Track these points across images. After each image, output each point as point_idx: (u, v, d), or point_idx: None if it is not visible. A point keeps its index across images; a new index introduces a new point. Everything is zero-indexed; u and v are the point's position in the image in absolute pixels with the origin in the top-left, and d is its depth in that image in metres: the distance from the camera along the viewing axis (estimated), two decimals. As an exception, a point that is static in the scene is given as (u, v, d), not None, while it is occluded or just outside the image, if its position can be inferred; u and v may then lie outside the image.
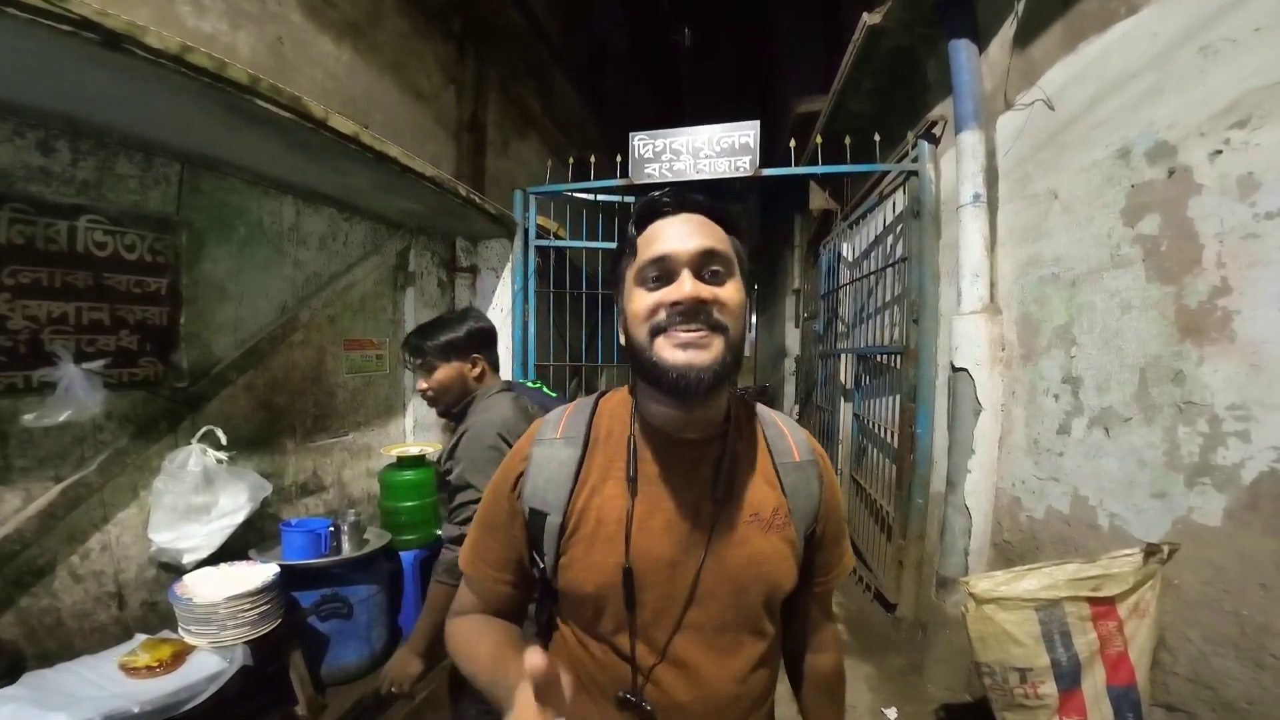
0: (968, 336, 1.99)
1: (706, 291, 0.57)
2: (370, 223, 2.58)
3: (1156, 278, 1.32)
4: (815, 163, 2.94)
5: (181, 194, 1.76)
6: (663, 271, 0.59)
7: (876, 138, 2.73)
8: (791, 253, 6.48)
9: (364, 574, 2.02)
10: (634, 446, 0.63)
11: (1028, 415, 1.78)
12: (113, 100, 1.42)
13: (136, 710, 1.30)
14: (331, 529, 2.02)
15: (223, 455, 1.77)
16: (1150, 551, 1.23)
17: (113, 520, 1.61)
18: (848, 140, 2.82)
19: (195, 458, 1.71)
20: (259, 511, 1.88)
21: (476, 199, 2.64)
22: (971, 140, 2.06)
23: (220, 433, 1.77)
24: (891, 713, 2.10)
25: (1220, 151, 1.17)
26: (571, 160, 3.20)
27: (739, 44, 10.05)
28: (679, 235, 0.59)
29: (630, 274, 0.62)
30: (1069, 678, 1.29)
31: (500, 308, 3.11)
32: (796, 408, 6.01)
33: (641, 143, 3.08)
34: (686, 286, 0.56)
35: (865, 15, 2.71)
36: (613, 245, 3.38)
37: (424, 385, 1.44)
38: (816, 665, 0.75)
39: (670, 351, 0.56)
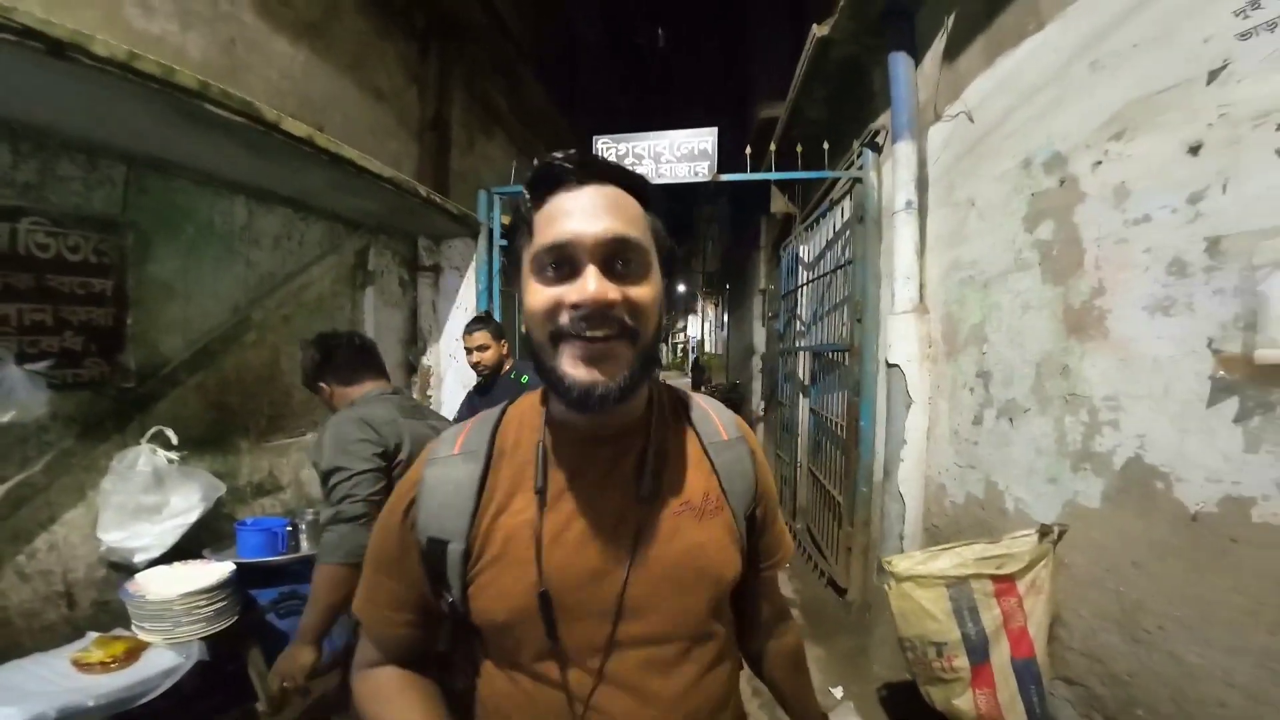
0: (900, 334, 2.13)
1: (615, 292, 0.49)
2: (328, 222, 2.58)
3: (1049, 280, 1.45)
4: (779, 167, 3.05)
5: (127, 195, 1.75)
6: (563, 260, 0.50)
7: (826, 146, 2.85)
8: (759, 253, 6.64)
9: (322, 571, 2.04)
10: (542, 453, 0.57)
11: (950, 407, 1.92)
12: (57, 104, 1.41)
13: (91, 704, 1.31)
14: (289, 528, 2.04)
15: (174, 455, 1.77)
16: (1043, 532, 1.37)
17: (60, 520, 1.61)
18: (799, 148, 2.94)
19: (145, 458, 1.71)
20: (213, 512, 1.88)
21: (437, 199, 2.66)
22: (906, 150, 2.20)
23: (170, 433, 1.77)
24: (838, 691, 2.23)
25: (1100, 162, 1.29)
26: (536, 162, 3.23)
27: (716, 44, 10.16)
28: (584, 215, 0.50)
29: (526, 258, 0.53)
30: (979, 651, 1.41)
31: (465, 307, 3.13)
32: (763, 404, 6.18)
33: (605, 146, 3.14)
34: (590, 285, 0.48)
35: (815, 26, 2.83)
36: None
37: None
38: (777, 649, 0.72)
39: (572, 365, 0.50)
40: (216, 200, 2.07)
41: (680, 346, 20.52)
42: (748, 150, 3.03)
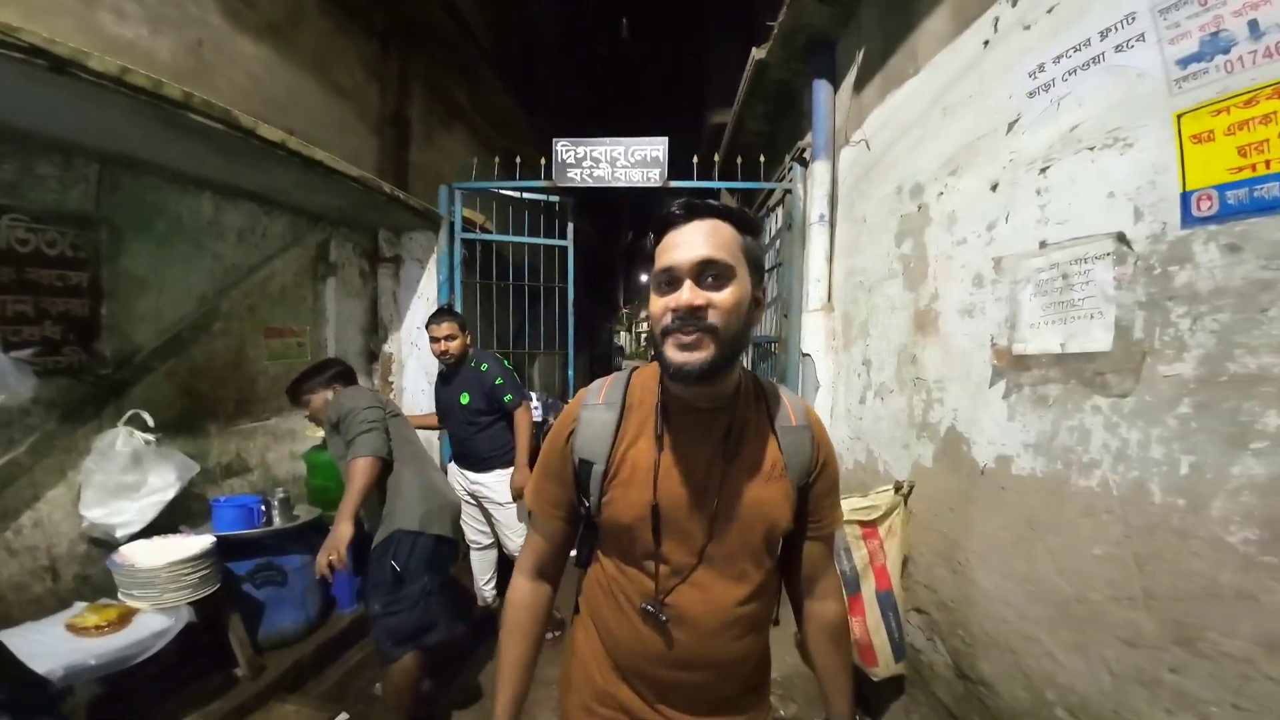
0: (811, 329, 2.50)
1: (701, 298, 0.66)
2: (290, 216, 2.68)
3: (908, 287, 1.81)
4: (726, 173, 3.32)
5: (100, 193, 1.85)
6: (671, 279, 0.68)
7: (762, 159, 3.18)
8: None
9: (296, 545, 2.21)
10: (660, 412, 0.76)
11: (845, 390, 2.31)
12: (43, 111, 1.52)
13: (93, 662, 1.48)
14: (263, 504, 2.20)
15: (150, 437, 1.90)
16: (897, 487, 1.74)
17: (43, 498, 1.72)
18: (739, 160, 3.25)
19: (123, 439, 1.84)
20: (185, 491, 2.02)
21: (400, 196, 2.81)
22: (821, 169, 2.55)
23: (147, 415, 1.90)
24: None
25: (942, 193, 1.64)
26: (498, 159, 3.38)
27: (675, 48, 10.34)
28: (685, 246, 0.68)
29: (651, 280, 0.72)
30: (852, 585, 1.76)
31: (425, 297, 3.28)
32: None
33: (564, 149, 3.31)
34: (684, 295, 0.66)
35: (754, 49, 3.13)
36: (541, 240, 3.65)
37: (305, 414, 1.99)
38: (820, 612, 0.84)
39: (672, 351, 0.67)
40: (184, 197, 2.16)
41: (643, 335, 20.88)
42: (694, 159, 3.31)
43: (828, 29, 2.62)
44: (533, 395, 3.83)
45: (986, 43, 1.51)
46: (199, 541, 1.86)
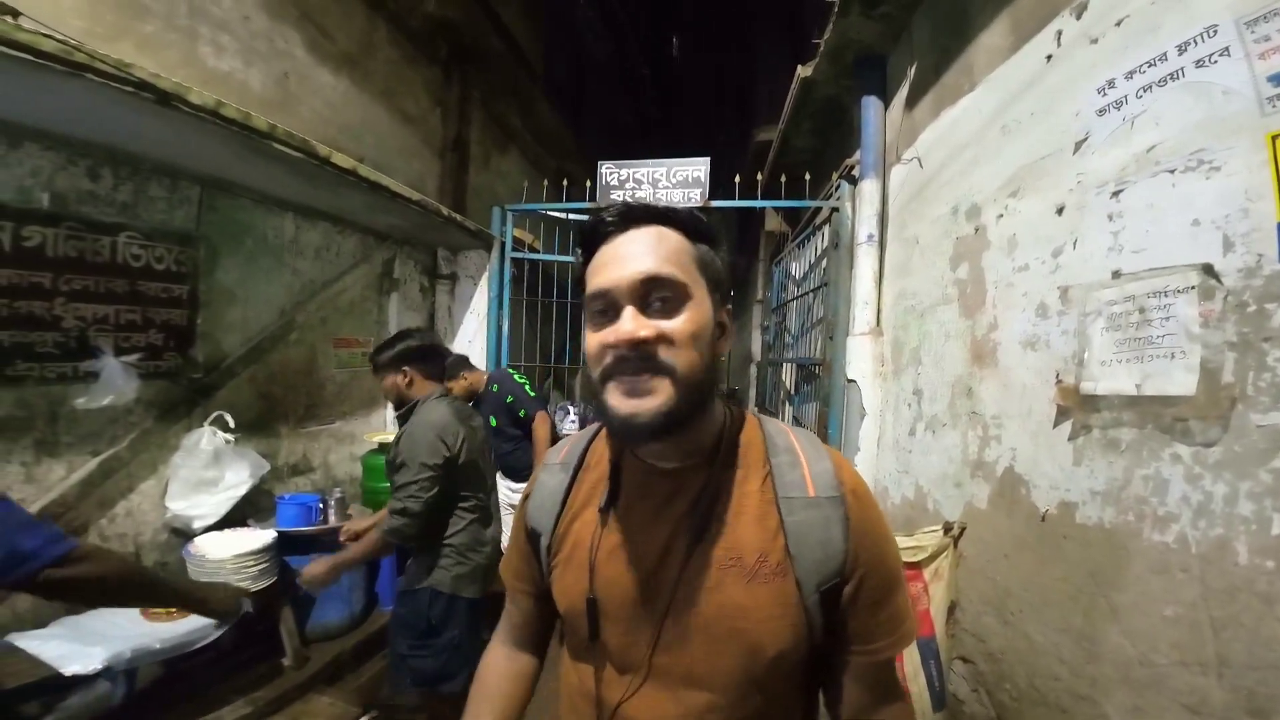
0: (858, 353, 2.41)
1: (648, 329, 0.50)
2: (360, 235, 2.90)
3: (963, 314, 1.70)
4: (771, 190, 3.31)
5: (200, 213, 2.08)
6: (607, 306, 0.53)
7: (807, 176, 3.13)
8: (758, 265, 6.92)
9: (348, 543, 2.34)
10: (616, 475, 0.60)
11: (894, 420, 2.20)
12: (151, 137, 1.72)
13: (158, 646, 1.62)
14: (320, 504, 2.35)
15: (230, 437, 2.09)
16: (946, 528, 1.63)
17: (136, 490, 1.93)
18: (783, 178, 3.22)
19: (207, 438, 2.03)
20: (255, 488, 2.20)
21: (457, 218, 2.98)
22: (870, 187, 2.48)
23: (229, 417, 2.08)
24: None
25: (1002, 215, 1.54)
26: (546, 181, 3.53)
27: (723, 65, 10.42)
28: (619, 262, 0.53)
29: (585, 308, 0.56)
30: None
31: (477, 313, 3.44)
32: (755, 409, 6.44)
33: (608, 171, 3.42)
34: (625, 325, 0.51)
35: (800, 67, 3.11)
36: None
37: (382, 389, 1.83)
38: None
39: (616, 399, 0.52)
40: (270, 217, 2.39)
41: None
42: (736, 178, 3.31)
43: (876, 45, 2.57)
44: (570, 408, 3.94)
45: (1049, 57, 1.43)
46: (262, 536, 2.02)
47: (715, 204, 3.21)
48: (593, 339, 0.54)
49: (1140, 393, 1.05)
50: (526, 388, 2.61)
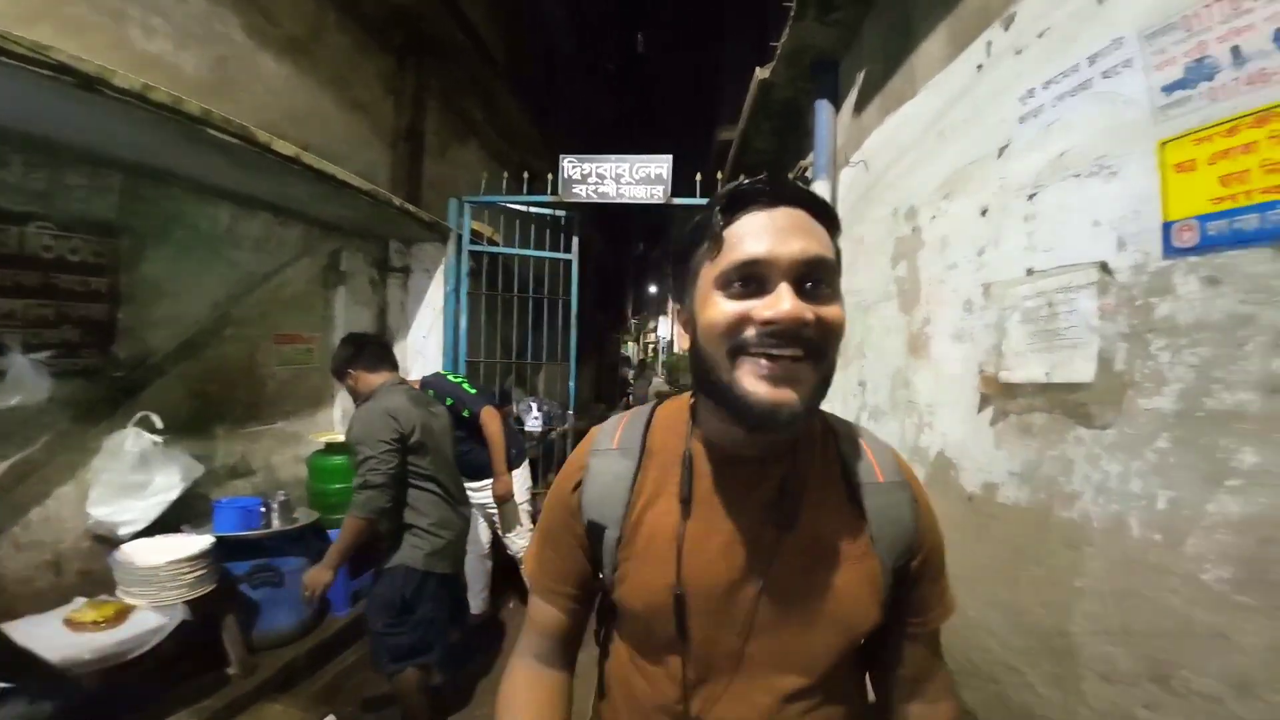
0: (809, 348, 2.49)
1: (809, 311, 0.47)
2: (305, 226, 2.78)
3: (902, 309, 1.79)
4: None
5: (123, 201, 1.94)
6: (753, 277, 0.49)
7: (764, 176, 3.20)
8: (721, 262, 7.02)
9: (295, 547, 2.26)
10: (689, 463, 0.58)
11: (842, 409, 2.28)
12: (72, 124, 1.61)
13: (88, 656, 1.53)
14: (263, 507, 2.25)
15: (158, 438, 1.97)
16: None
17: (53, 495, 1.79)
18: (743, 178, 3.27)
19: (132, 439, 1.91)
20: (190, 492, 2.09)
21: (410, 209, 2.89)
22: (822, 188, 2.55)
23: (155, 417, 1.96)
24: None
25: (935, 216, 1.63)
26: (507, 174, 3.46)
27: (691, 63, 10.51)
28: (779, 235, 0.49)
29: (708, 274, 0.52)
30: None
31: (433, 306, 3.35)
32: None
33: (570, 165, 3.39)
34: (786, 304, 0.47)
35: (758, 69, 3.17)
36: (546, 254, 3.71)
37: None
38: (931, 717, 0.63)
39: (754, 383, 0.48)
40: (203, 206, 2.26)
41: (651, 346, 20.90)
42: (698, 176, 3.35)
43: (830, 49, 2.64)
44: (533, 404, 3.90)
45: (980, 67, 1.51)
46: (198, 541, 1.91)
47: (678, 201, 3.24)
48: (729, 307, 0.49)
49: (1049, 380, 1.13)
50: (464, 386, 2.54)
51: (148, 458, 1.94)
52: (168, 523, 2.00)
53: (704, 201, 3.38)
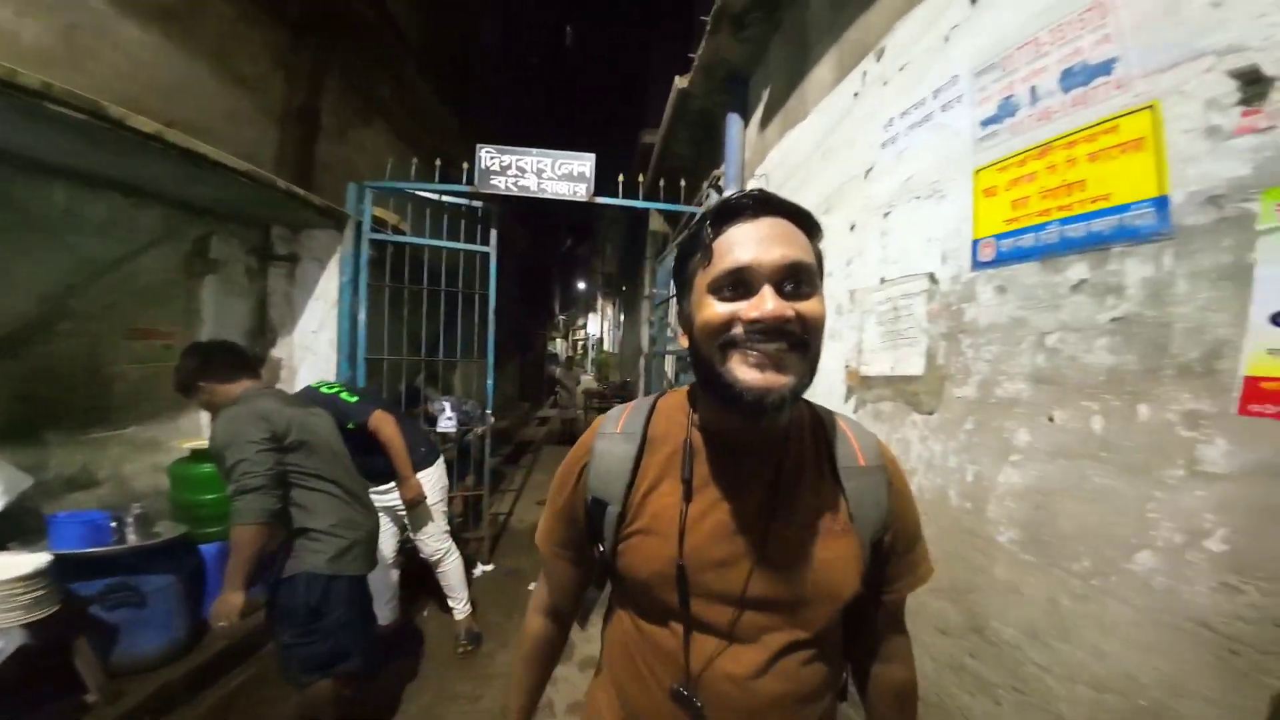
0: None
1: (789, 308, 0.53)
2: (164, 208, 2.45)
3: None
4: (653, 192, 3.40)
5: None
6: (739, 282, 0.55)
7: (683, 183, 3.31)
8: (646, 262, 7.15)
9: (159, 563, 2.00)
10: (689, 450, 0.64)
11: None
12: None
13: None
14: (115, 521, 1.98)
15: (-32, 447, 1.67)
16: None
17: None
18: (661, 182, 3.37)
19: (-69, 449, 1.60)
20: (15, 506, 1.79)
21: (299, 191, 2.65)
22: (729, 198, 2.70)
23: (-35, 423, 1.66)
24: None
25: None
26: (417, 160, 3.28)
27: (618, 63, 10.56)
28: (761, 243, 0.55)
29: (701, 280, 0.58)
30: None
31: (325, 299, 3.07)
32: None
33: (489, 155, 3.24)
34: (769, 304, 0.53)
35: (677, 78, 3.27)
36: (461, 245, 3.54)
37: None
38: (885, 675, 0.72)
39: (744, 370, 0.54)
40: (30, 184, 1.93)
41: (580, 344, 20.75)
42: (620, 178, 3.39)
43: (743, 65, 2.77)
44: (446, 404, 3.73)
45: (856, 94, 1.68)
46: (32, 560, 1.65)
47: (600, 200, 3.25)
48: (720, 309, 0.55)
49: (893, 373, 1.30)
50: (342, 395, 2.28)
51: (-47, 470, 1.64)
52: (-11, 543, 1.70)
53: (627, 204, 3.45)
